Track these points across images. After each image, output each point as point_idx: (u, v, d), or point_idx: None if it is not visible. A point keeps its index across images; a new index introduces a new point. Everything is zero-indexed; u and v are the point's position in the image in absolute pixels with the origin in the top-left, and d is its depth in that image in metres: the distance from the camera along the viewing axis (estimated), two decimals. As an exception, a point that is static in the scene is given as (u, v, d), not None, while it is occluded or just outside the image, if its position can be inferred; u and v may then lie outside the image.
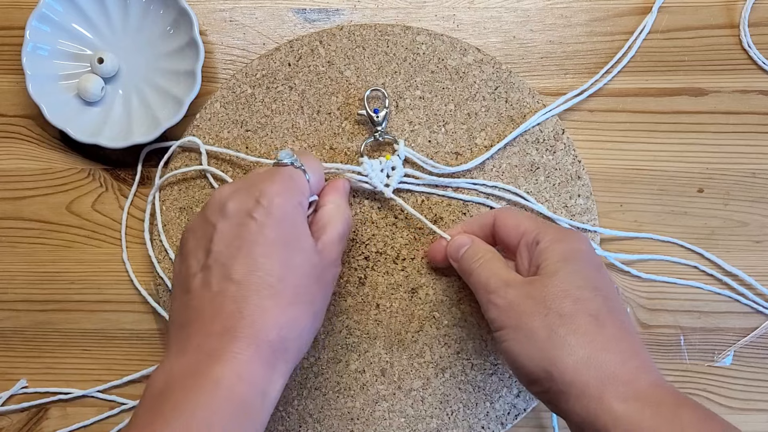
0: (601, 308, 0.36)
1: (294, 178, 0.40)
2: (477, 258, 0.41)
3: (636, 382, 0.34)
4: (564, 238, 0.39)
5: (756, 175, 0.49)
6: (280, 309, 0.36)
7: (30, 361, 0.50)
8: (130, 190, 0.50)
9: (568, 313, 0.36)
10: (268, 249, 0.37)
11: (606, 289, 0.38)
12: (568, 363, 0.35)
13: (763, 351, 0.49)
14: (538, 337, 0.36)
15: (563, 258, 0.38)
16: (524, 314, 0.37)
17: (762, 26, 0.50)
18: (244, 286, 0.36)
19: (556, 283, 0.37)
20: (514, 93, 0.49)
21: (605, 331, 0.36)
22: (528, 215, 0.43)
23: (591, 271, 0.38)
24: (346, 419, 0.47)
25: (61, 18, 0.49)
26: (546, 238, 0.39)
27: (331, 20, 0.51)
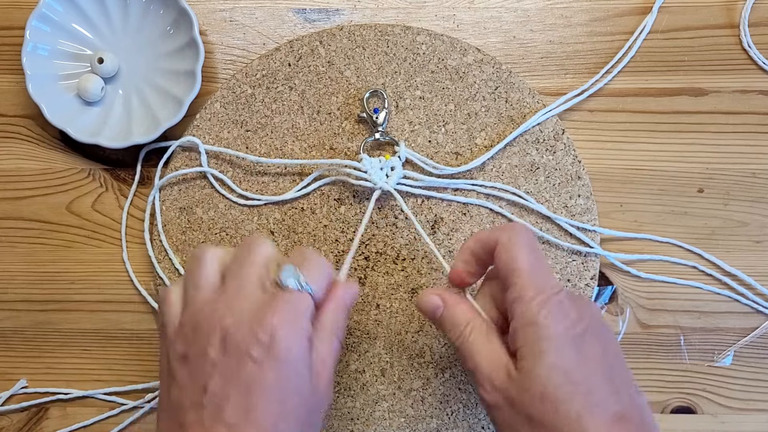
0: (584, 407, 0.33)
1: (301, 307, 0.36)
2: (459, 332, 0.38)
3: None
4: (536, 319, 0.35)
5: (756, 175, 0.49)
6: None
7: (30, 361, 0.50)
8: (130, 190, 0.50)
9: (549, 423, 0.33)
10: (265, 393, 0.34)
11: (587, 374, 0.34)
12: None
13: (763, 351, 0.49)
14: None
15: (537, 350, 0.34)
16: (511, 423, 0.35)
17: (762, 26, 0.50)
18: (234, 431, 0.33)
19: (532, 385, 0.34)
20: (514, 93, 0.49)
21: None
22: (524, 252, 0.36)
23: (569, 360, 0.34)
24: (346, 419, 0.47)
25: (61, 18, 0.49)
26: (518, 312, 0.35)
27: (331, 20, 0.51)
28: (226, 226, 0.48)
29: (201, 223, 0.48)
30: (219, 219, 0.48)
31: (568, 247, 0.47)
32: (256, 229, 0.48)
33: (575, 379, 0.34)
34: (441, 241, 0.48)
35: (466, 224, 0.48)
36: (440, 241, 0.48)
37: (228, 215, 0.48)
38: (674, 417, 0.48)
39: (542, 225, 0.48)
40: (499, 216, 0.48)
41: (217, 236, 0.48)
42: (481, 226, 0.48)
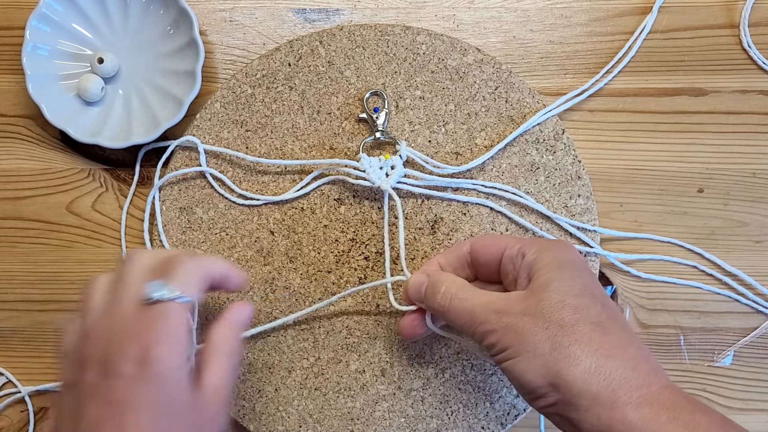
0: (602, 315, 0.35)
1: (173, 318, 0.35)
2: (442, 291, 0.39)
3: (648, 386, 0.33)
4: (551, 247, 0.38)
5: (756, 175, 0.49)
6: None
7: (30, 361, 0.50)
8: (129, 190, 0.50)
9: (569, 323, 0.35)
10: (141, 415, 0.33)
11: (602, 295, 0.37)
12: (575, 373, 0.33)
13: (763, 351, 0.49)
14: (541, 351, 0.35)
15: (555, 267, 0.37)
16: (525, 331, 0.35)
17: (762, 26, 0.50)
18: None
19: (552, 293, 0.36)
20: (514, 93, 0.49)
21: (610, 338, 0.35)
22: (505, 234, 0.42)
23: (584, 277, 0.37)
24: (346, 419, 0.47)
25: (61, 18, 0.49)
26: (532, 249, 0.38)
27: (331, 20, 0.51)
28: (226, 226, 0.48)
29: (201, 223, 0.48)
30: (219, 219, 0.48)
31: (568, 247, 0.47)
32: (257, 229, 0.48)
33: (593, 292, 0.36)
34: (441, 241, 0.48)
35: (466, 224, 0.48)
36: (440, 241, 0.48)
37: (228, 215, 0.48)
38: (674, 417, 0.48)
39: (542, 225, 0.48)
40: (500, 215, 0.48)
41: (217, 236, 0.48)
42: (480, 226, 0.48)
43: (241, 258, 0.48)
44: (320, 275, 0.48)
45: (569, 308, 0.35)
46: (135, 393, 0.33)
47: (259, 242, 0.48)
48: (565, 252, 0.38)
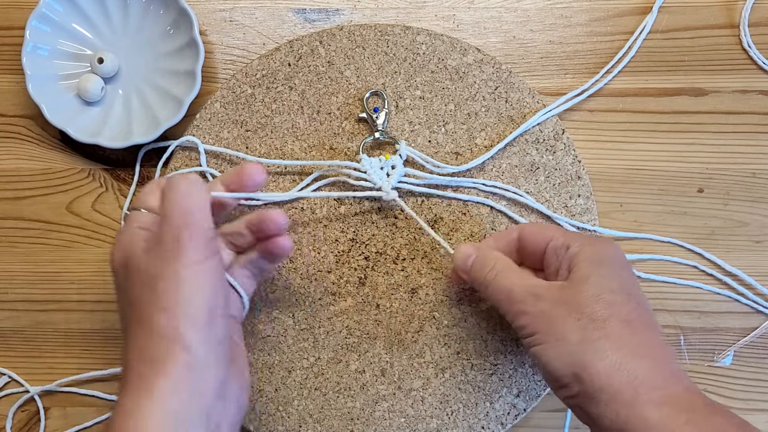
0: (633, 313, 0.36)
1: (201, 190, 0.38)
2: (489, 268, 0.40)
3: (669, 388, 0.34)
4: (594, 243, 0.39)
5: (756, 175, 0.49)
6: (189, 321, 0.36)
7: (30, 361, 0.50)
8: (129, 190, 0.50)
9: (600, 318, 0.35)
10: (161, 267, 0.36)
11: (637, 294, 0.38)
12: (599, 367, 0.34)
13: (763, 351, 0.49)
14: (570, 341, 0.35)
15: (595, 261, 0.38)
16: (557, 319, 0.36)
17: (762, 26, 0.50)
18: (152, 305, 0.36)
19: (589, 287, 0.37)
20: (514, 93, 0.49)
21: (638, 337, 0.35)
22: (554, 225, 0.43)
23: (623, 275, 0.38)
24: (346, 419, 0.47)
25: (61, 18, 0.49)
26: (576, 243, 0.39)
27: (331, 20, 0.51)
28: (226, 226, 0.48)
29: (201, 223, 0.48)
30: (219, 219, 0.48)
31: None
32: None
33: (629, 291, 0.37)
34: (441, 241, 0.48)
35: (466, 224, 0.48)
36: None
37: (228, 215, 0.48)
38: (674, 417, 0.48)
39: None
40: (500, 215, 0.48)
41: (217, 236, 0.48)
42: (480, 225, 0.48)
43: (241, 258, 0.48)
44: (320, 275, 0.48)
45: (603, 303, 0.36)
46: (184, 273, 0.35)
47: (259, 242, 0.48)
48: (607, 248, 0.39)
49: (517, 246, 0.42)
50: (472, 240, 0.47)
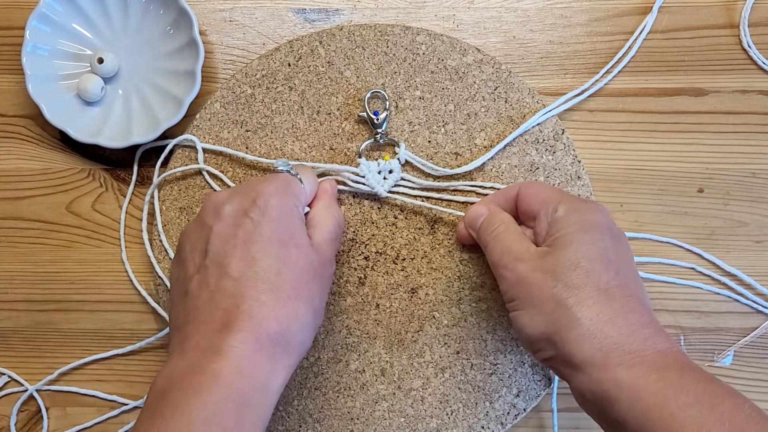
0: (613, 281, 0.37)
1: (290, 182, 0.41)
2: (492, 229, 0.41)
3: (642, 351, 0.34)
4: (582, 208, 0.39)
5: (756, 175, 0.49)
6: (279, 302, 0.36)
7: (30, 361, 0.50)
8: (128, 189, 0.50)
9: (576, 285, 0.36)
10: (265, 246, 0.38)
11: (620, 260, 0.38)
12: (571, 335, 0.35)
13: (763, 351, 0.49)
14: (545, 308, 0.36)
15: (579, 228, 0.38)
16: (533, 286, 0.37)
17: (762, 26, 0.50)
18: (241, 282, 0.36)
19: (569, 254, 0.37)
20: (514, 93, 0.49)
21: (613, 304, 0.36)
22: (551, 186, 0.43)
23: (607, 242, 0.38)
24: (346, 419, 0.47)
25: (61, 18, 0.49)
26: (563, 207, 0.39)
27: (331, 20, 0.51)
28: (226, 226, 0.48)
29: (201, 223, 0.48)
30: (219, 219, 0.48)
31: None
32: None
33: (609, 258, 0.37)
34: (441, 240, 0.48)
35: (465, 224, 0.48)
36: (440, 241, 0.48)
37: (228, 215, 0.48)
38: (674, 417, 0.48)
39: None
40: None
41: (217, 236, 0.48)
42: (480, 226, 0.48)
43: (241, 258, 0.48)
44: (320, 275, 0.48)
45: (581, 271, 0.36)
46: (259, 231, 0.38)
47: (259, 242, 0.48)
48: (593, 214, 0.39)
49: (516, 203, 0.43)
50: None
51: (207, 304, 0.36)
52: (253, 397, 0.35)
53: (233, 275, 0.37)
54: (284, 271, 0.37)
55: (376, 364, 0.47)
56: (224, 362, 0.34)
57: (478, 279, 0.47)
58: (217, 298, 0.36)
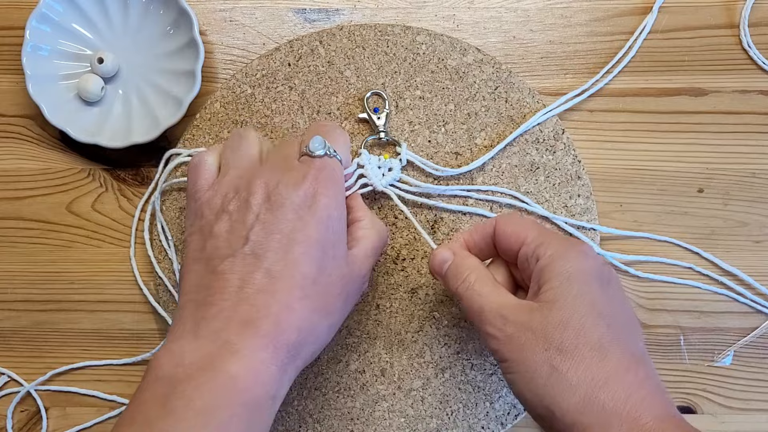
0: (605, 337, 0.34)
1: (336, 172, 0.39)
2: (462, 279, 0.39)
3: (640, 419, 0.33)
4: (565, 254, 0.37)
5: (756, 175, 0.49)
6: (306, 312, 0.35)
7: (30, 361, 0.50)
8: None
9: (568, 348, 0.34)
10: (309, 249, 0.36)
11: (611, 311, 0.36)
12: (570, 403, 0.33)
13: (763, 351, 0.49)
14: (539, 374, 0.34)
15: (565, 279, 0.36)
16: (525, 348, 0.35)
17: (762, 26, 0.50)
18: (277, 282, 0.35)
19: (556, 312, 0.35)
20: (514, 93, 0.49)
21: (608, 364, 0.34)
22: (530, 222, 0.40)
23: (595, 293, 0.36)
24: (346, 419, 0.47)
25: (61, 18, 0.49)
26: (546, 254, 0.37)
27: (331, 20, 0.51)
28: (226, 226, 0.48)
29: (201, 223, 0.48)
30: (219, 219, 0.48)
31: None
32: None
33: (600, 311, 0.35)
34: (441, 240, 0.48)
35: (466, 224, 0.48)
36: (440, 241, 0.48)
37: (228, 215, 0.48)
38: (674, 417, 0.48)
39: (541, 224, 0.48)
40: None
41: (217, 236, 0.48)
42: (481, 226, 0.48)
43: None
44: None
45: (571, 330, 0.35)
46: (304, 229, 0.36)
47: (259, 242, 0.48)
48: (578, 261, 0.37)
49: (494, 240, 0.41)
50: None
51: (236, 293, 0.35)
52: (263, 405, 0.34)
53: (271, 272, 0.35)
54: (320, 281, 0.36)
55: (376, 364, 0.47)
56: (242, 366, 0.33)
57: (478, 279, 0.47)
58: (248, 291, 0.35)
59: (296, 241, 0.36)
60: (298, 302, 0.35)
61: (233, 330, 0.34)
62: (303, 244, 0.36)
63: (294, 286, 0.35)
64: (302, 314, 0.35)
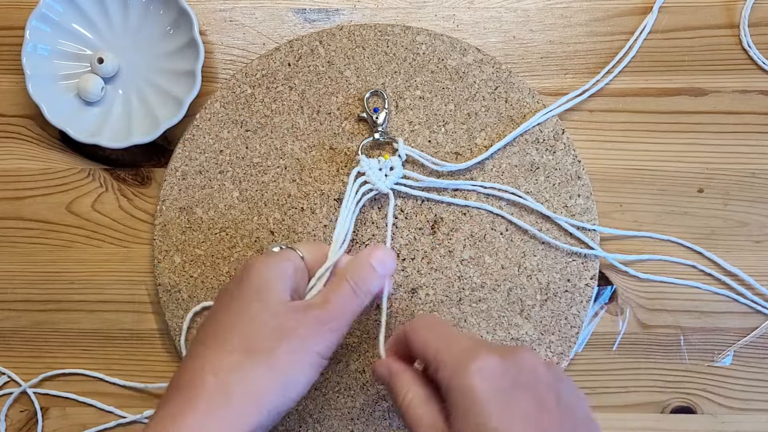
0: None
1: (281, 253, 0.40)
2: (401, 397, 0.37)
3: None
4: (458, 370, 0.34)
5: (756, 175, 0.49)
6: (221, 353, 0.36)
7: (30, 361, 0.50)
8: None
9: None
10: (226, 303, 0.38)
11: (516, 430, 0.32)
12: None
13: (763, 351, 0.49)
14: None
15: (459, 404, 0.33)
16: None
17: (762, 26, 0.50)
18: (197, 338, 0.38)
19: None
20: (514, 93, 0.49)
21: None
22: (439, 328, 0.37)
23: (491, 414, 0.32)
24: (346, 419, 0.47)
25: (61, 18, 0.49)
26: (442, 373, 0.34)
27: (331, 20, 0.51)
28: (226, 226, 0.48)
29: (201, 223, 0.48)
30: (219, 219, 0.48)
31: (567, 248, 0.47)
32: (257, 229, 0.48)
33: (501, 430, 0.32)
34: (441, 240, 0.48)
35: (465, 224, 0.48)
36: (440, 241, 0.48)
37: (228, 215, 0.48)
38: (674, 417, 0.48)
39: (542, 225, 0.48)
40: (499, 217, 0.48)
41: (217, 236, 0.48)
42: (480, 226, 0.48)
43: (241, 258, 0.48)
44: (320, 275, 0.48)
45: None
46: (230, 292, 0.38)
47: (259, 242, 0.48)
48: (470, 378, 0.33)
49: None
50: (471, 240, 0.47)
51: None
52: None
53: (197, 337, 0.38)
54: (238, 325, 0.37)
55: (376, 364, 0.47)
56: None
57: (478, 279, 0.47)
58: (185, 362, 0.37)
59: (219, 319, 0.39)
60: (204, 345, 0.37)
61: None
62: (223, 300, 0.39)
63: (206, 336, 0.38)
64: (217, 355, 0.37)
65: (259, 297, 0.37)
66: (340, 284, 0.39)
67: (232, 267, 0.48)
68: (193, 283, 0.48)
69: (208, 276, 0.48)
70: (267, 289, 0.37)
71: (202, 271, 0.48)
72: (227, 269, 0.48)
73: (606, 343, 0.49)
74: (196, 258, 0.48)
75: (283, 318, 0.37)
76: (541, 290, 0.47)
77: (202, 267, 0.48)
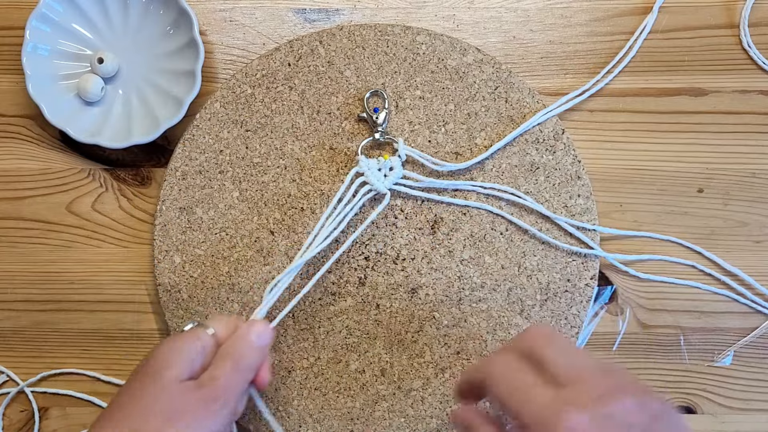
0: None
1: (189, 332, 0.40)
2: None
3: None
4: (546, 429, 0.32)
5: (756, 175, 0.49)
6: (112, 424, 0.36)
7: (30, 361, 0.50)
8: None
9: None
10: (129, 382, 0.38)
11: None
12: None
13: (762, 351, 0.49)
14: None
15: None
16: None
17: (762, 26, 0.50)
18: (99, 416, 0.38)
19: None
20: (514, 93, 0.49)
21: None
22: (517, 373, 0.34)
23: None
24: (346, 419, 0.47)
25: (61, 18, 0.49)
26: (492, 393, 0.34)
27: (331, 20, 0.51)
28: (226, 226, 0.48)
29: (201, 223, 0.48)
30: (219, 219, 0.48)
31: (567, 248, 0.47)
32: (257, 229, 0.48)
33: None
34: (441, 241, 0.48)
35: (466, 224, 0.48)
36: (440, 241, 0.48)
37: (228, 215, 0.48)
38: (674, 417, 0.48)
39: (542, 225, 0.48)
40: (499, 217, 0.48)
41: (217, 236, 0.48)
42: (480, 226, 0.48)
43: (241, 258, 0.48)
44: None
45: None
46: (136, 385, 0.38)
47: (259, 242, 0.48)
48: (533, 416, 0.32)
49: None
50: (471, 240, 0.47)
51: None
52: None
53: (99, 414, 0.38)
54: (129, 405, 0.37)
55: (376, 364, 0.47)
56: None
57: (478, 279, 0.47)
58: None
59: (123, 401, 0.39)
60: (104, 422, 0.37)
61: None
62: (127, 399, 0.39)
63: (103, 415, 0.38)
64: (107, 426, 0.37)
65: (154, 377, 0.37)
66: (223, 362, 0.39)
67: (232, 267, 0.48)
68: (193, 283, 0.48)
69: (208, 276, 0.48)
70: (167, 368, 0.38)
71: (202, 271, 0.48)
72: (227, 269, 0.48)
73: (606, 343, 0.49)
74: (196, 258, 0.48)
75: (176, 398, 0.37)
76: (541, 290, 0.47)
77: (202, 267, 0.48)
